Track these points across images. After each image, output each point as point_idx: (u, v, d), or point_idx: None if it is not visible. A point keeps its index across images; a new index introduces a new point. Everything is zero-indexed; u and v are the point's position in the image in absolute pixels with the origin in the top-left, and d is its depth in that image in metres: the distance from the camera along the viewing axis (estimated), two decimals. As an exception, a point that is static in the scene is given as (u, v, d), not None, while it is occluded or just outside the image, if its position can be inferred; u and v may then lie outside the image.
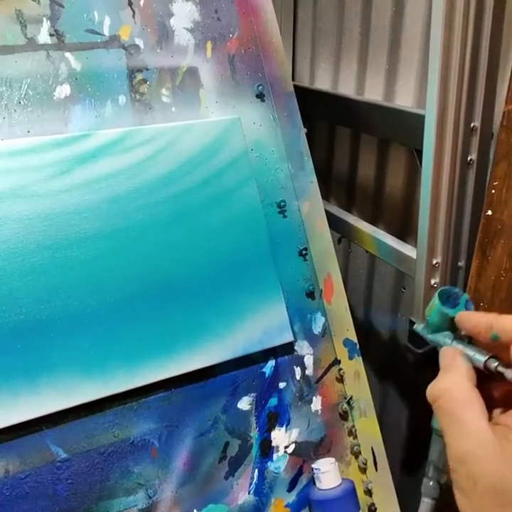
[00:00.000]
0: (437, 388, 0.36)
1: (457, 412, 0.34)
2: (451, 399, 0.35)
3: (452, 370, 0.37)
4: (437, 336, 0.40)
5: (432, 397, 0.36)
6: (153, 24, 0.71)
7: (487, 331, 0.37)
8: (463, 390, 0.35)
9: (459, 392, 0.35)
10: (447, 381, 0.36)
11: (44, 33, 0.65)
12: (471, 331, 0.38)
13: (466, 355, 0.37)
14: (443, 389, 0.36)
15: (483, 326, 0.37)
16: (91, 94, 0.66)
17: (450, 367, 0.37)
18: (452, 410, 0.35)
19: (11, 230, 0.59)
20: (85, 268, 0.61)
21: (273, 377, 0.70)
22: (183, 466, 0.64)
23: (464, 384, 0.35)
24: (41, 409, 0.57)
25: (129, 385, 0.61)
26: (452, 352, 0.38)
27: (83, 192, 0.62)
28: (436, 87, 0.63)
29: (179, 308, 0.65)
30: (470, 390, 0.35)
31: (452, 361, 0.37)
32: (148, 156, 0.66)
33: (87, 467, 0.59)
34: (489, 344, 0.37)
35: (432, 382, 0.37)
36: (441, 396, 0.35)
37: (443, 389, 0.36)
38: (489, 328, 0.36)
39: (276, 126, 0.76)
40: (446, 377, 0.37)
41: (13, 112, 0.63)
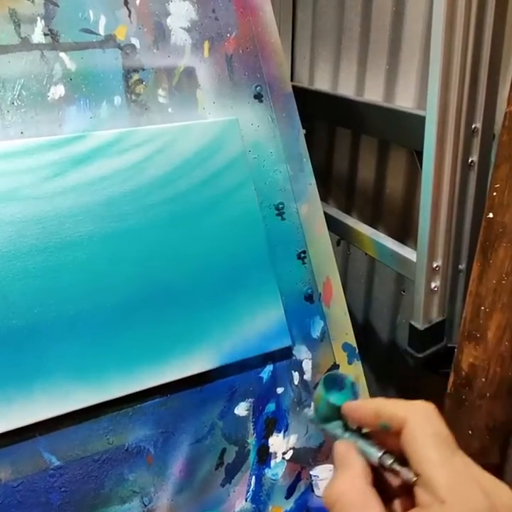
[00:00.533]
0: (333, 492, 0.34)
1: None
2: (348, 503, 0.33)
3: (346, 469, 0.35)
4: (328, 426, 0.38)
5: (329, 501, 0.34)
6: (149, 24, 0.70)
7: (375, 421, 0.35)
8: (358, 493, 0.33)
9: (354, 496, 0.33)
10: (342, 484, 0.34)
11: (38, 32, 0.64)
12: (360, 422, 0.37)
13: (360, 449, 0.36)
14: (338, 493, 0.34)
15: (370, 417, 0.36)
16: (86, 95, 0.65)
17: (344, 465, 0.35)
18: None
19: (4, 233, 0.58)
20: (80, 272, 0.60)
21: (271, 382, 0.69)
22: (179, 473, 0.63)
23: (360, 485, 0.34)
24: (35, 415, 0.56)
25: (124, 390, 0.60)
26: (344, 448, 0.36)
27: (78, 194, 0.61)
28: (437, 88, 0.62)
29: (176, 312, 0.64)
30: (366, 491, 0.33)
31: (346, 459, 0.36)
32: (144, 157, 0.65)
33: (81, 475, 0.58)
34: (381, 433, 0.36)
35: (327, 485, 0.35)
36: (338, 501, 0.33)
37: (338, 493, 0.34)
38: (377, 417, 0.35)
39: (275, 127, 0.75)
40: (341, 480, 0.35)
41: (6, 113, 0.62)
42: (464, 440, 0.75)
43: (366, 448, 0.36)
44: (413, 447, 0.33)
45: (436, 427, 0.34)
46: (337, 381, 0.40)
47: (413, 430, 0.33)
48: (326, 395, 0.38)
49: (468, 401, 0.73)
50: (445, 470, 0.32)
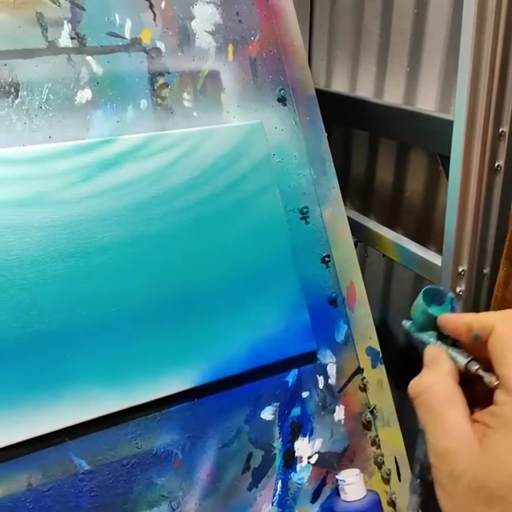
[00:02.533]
0: (420, 384, 0.36)
1: (439, 409, 0.34)
2: (433, 395, 0.35)
3: (436, 367, 0.37)
4: (422, 334, 0.41)
5: (414, 392, 0.36)
6: (174, 27, 0.70)
7: (468, 331, 0.37)
8: (446, 387, 0.35)
9: (441, 389, 0.35)
10: (430, 378, 0.36)
11: (65, 36, 0.64)
12: (453, 333, 0.38)
13: (450, 355, 0.37)
14: (426, 385, 0.35)
15: (463, 327, 0.37)
16: (112, 99, 0.65)
17: (434, 364, 0.37)
18: (434, 406, 0.35)
19: (33, 238, 0.58)
20: (107, 276, 0.60)
21: (296, 386, 0.69)
22: (206, 478, 0.63)
23: (447, 381, 0.35)
24: (64, 421, 0.56)
25: (151, 395, 0.60)
26: (436, 350, 0.38)
27: (105, 199, 0.61)
28: (465, 93, 0.62)
29: (201, 316, 0.64)
30: (453, 387, 0.35)
31: (436, 359, 0.37)
32: (170, 161, 0.65)
33: (110, 479, 0.58)
34: (472, 344, 0.37)
35: (414, 378, 0.36)
36: (424, 392, 0.35)
37: (426, 385, 0.35)
38: (469, 328, 0.36)
39: (298, 131, 0.75)
40: (430, 374, 0.36)
41: (34, 117, 0.62)
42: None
43: (455, 354, 0.37)
44: (498, 350, 0.34)
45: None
46: (437, 295, 0.41)
47: (499, 334, 0.34)
48: (425, 306, 0.39)
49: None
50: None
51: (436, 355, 0.37)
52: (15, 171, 0.58)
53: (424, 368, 0.37)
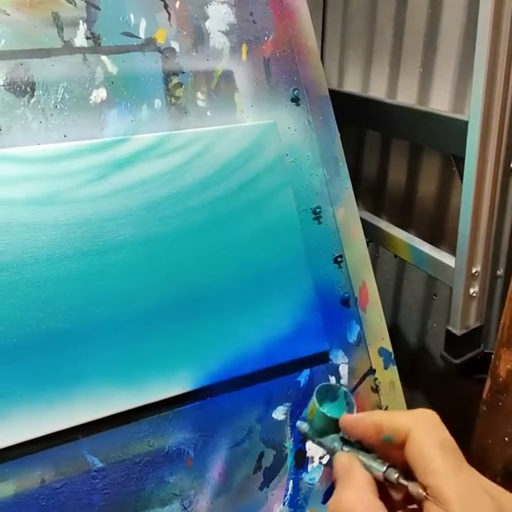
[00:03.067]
0: (341, 506, 0.33)
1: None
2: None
3: (352, 481, 0.34)
4: (325, 439, 0.37)
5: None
6: (188, 27, 0.70)
7: (377, 434, 0.34)
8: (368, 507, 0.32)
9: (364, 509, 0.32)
10: (350, 497, 0.33)
11: (80, 36, 0.65)
12: (360, 436, 0.35)
13: (363, 464, 0.35)
14: (347, 507, 0.32)
15: (371, 431, 0.34)
16: (127, 98, 0.66)
17: (348, 478, 0.34)
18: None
19: (49, 236, 0.58)
20: (121, 275, 0.60)
21: (308, 386, 0.69)
22: (218, 477, 0.63)
23: (369, 499, 0.33)
24: (77, 418, 0.56)
25: (163, 394, 0.60)
26: (347, 460, 0.35)
27: (119, 198, 0.62)
28: (481, 93, 0.62)
29: (214, 316, 0.64)
30: (375, 505, 0.32)
31: (350, 471, 0.34)
32: (184, 161, 0.65)
33: (123, 477, 0.59)
34: (382, 446, 0.34)
35: (331, 499, 0.34)
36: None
37: (347, 507, 0.32)
38: (378, 431, 0.34)
39: (312, 131, 0.75)
40: (348, 494, 0.33)
41: (49, 116, 0.62)
42: (499, 446, 0.74)
43: (369, 462, 0.34)
44: (419, 459, 0.32)
45: (441, 436, 0.33)
46: (329, 392, 0.39)
47: (418, 441, 0.32)
48: (321, 408, 0.37)
49: (505, 407, 0.72)
50: (454, 481, 0.31)
51: (349, 465, 0.34)
52: (30, 169, 0.59)
53: (338, 483, 0.35)
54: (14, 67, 0.61)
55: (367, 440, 0.35)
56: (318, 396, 0.38)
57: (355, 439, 0.36)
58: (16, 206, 0.57)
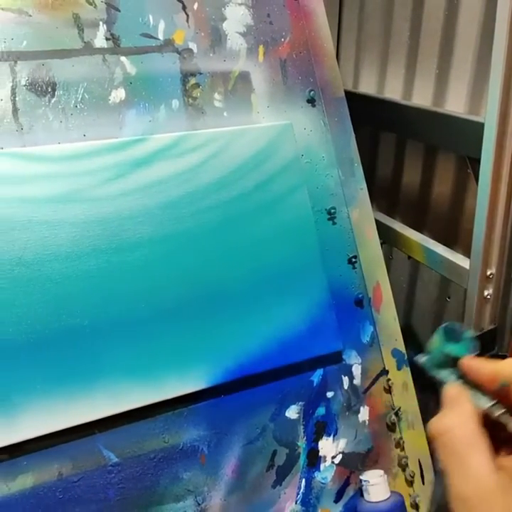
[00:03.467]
0: (441, 425, 0.35)
1: (462, 453, 0.33)
2: (456, 438, 0.34)
3: (458, 408, 0.35)
4: (442, 372, 0.38)
5: (435, 432, 0.35)
6: (206, 28, 0.71)
7: (494, 380, 0.36)
8: (469, 430, 0.34)
9: (464, 432, 0.34)
10: (453, 419, 0.35)
11: (100, 37, 0.66)
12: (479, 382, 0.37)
13: (472, 397, 0.36)
14: (448, 426, 0.34)
15: (489, 377, 0.36)
16: (145, 99, 0.66)
17: (456, 405, 0.36)
18: (456, 450, 0.33)
19: (68, 233, 0.59)
20: (138, 273, 0.61)
21: (321, 386, 0.69)
22: (231, 474, 0.63)
23: (470, 424, 0.34)
24: (94, 413, 0.57)
25: (179, 391, 0.60)
26: (457, 390, 0.37)
27: (137, 197, 0.62)
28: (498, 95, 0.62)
29: (228, 315, 0.64)
30: (476, 430, 0.34)
31: (456, 400, 0.36)
32: (200, 161, 0.66)
33: (138, 472, 0.59)
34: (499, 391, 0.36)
35: (435, 417, 0.35)
36: (446, 433, 0.34)
37: (448, 426, 0.34)
38: (496, 378, 0.36)
39: (327, 132, 0.75)
40: (452, 415, 0.35)
41: (70, 116, 0.63)
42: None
43: (478, 396, 0.36)
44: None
45: None
46: (455, 333, 0.40)
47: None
48: (442, 346, 0.38)
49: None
50: None
51: (457, 395, 0.36)
52: (51, 168, 0.60)
53: (443, 408, 0.36)
54: (36, 67, 0.62)
55: (486, 386, 0.37)
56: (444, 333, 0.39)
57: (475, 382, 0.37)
58: (36, 204, 0.58)
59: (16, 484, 0.55)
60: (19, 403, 0.54)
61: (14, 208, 0.57)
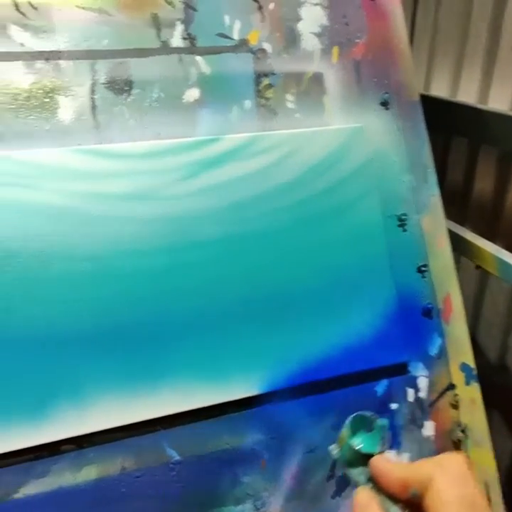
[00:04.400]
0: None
1: None
2: None
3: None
4: (353, 471, 0.37)
5: None
6: (281, 28, 0.70)
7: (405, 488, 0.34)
8: None
9: None
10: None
11: (177, 36, 0.66)
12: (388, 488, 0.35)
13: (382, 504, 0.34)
14: None
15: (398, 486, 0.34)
16: (219, 99, 0.66)
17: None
18: None
19: (139, 231, 0.60)
20: (204, 273, 0.61)
21: (385, 397, 0.67)
22: (291, 481, 0.62)
23: None
24: (160, 410, 0.57)
25: (244, 393, 0.60)
26: (366, 499, 0.35)
27: (206, 197, 0.62)
28: None
29: (294, 318, 0.64)
30: None
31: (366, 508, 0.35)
32: (271, 162, 0.65)
33: (199, 472, 0.59)
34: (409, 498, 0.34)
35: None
36: None
37: None
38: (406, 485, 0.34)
39: (400, 136, 0.73)
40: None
41: (145, 114, 0.64)
42: None
43: (387, 504, 0.34)
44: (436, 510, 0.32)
45: (461, 491, 0.32)
46: (366, 421, 0.37)
47: (438, 492, 0.32)
48: (351, 440, 0.36)
49: None
50: None
51: (366, 503, 0.35)
52: (126, 165, 0.60)
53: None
54: (114, 66, 0.63)
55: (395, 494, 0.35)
56: (353, 425, 0.37)
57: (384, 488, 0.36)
58: (110, 200, 0.59)
59: (81, 475, 0.56)
60: (90, 396, 0.55)
61: (89, 204, 0.59)
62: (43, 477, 0.55)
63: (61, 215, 0.57)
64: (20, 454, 0.54)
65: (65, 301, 0.56)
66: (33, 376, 0.54)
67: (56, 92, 0.61)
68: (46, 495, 0.55)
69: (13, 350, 0.54)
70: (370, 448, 0.37)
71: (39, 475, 0.55)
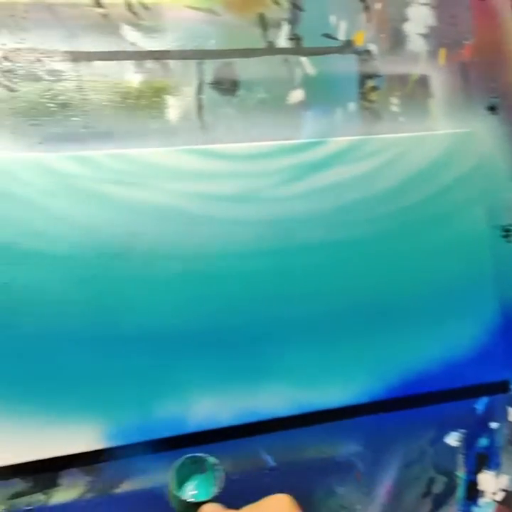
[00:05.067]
0: None
1: None
2: None
3: None
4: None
5: None
6: (387, 29, 0.68)
7: None
8: None
9: None
10: None
11: (283, 36, 0.65)
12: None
13: None
14: None
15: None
16: (323, 100, 0.65)
17: None
18: None
19: (242, 233, 0.59)
20: (308, 277, 0.60)
21: (485, 415, 0.64)
22: (385, 496, 0.61)
23: None
24: (257, 414, 0.57)
25: (342, 402, 0.59)
26: None
27: (311, 200, 0.61)
28: None
29: (395, 329, 0.62)
30: None
31: None
32: (376, 167, 0.64)
33: (294, 480, 0.58)
34: None
35: None
36: None
37: None
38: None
39: (508, 142, 0.70)
40: None
41: (249, 115, 0.63)
42: None
43: None
44: None
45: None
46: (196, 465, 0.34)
47: None
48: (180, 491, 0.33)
49: None
50: None
51: None
52: (231, 166, 0.60)
53: None
54: (221, 66, 0.63)
55: None
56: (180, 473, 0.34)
57: None
58: (215, 201, 0.59)
59: (178, 475, 0.56)
60: (191, 397, 0.55)
61: (194, 204, 0.58)
62: (142, 474, 0.55)
63: (167, 215, 0.57)
64: (122, 450, 0.55)
65: (168, 301, 0.56)
66: (139, 374, 0.54)
67: (164, 91, 0.61)
68: (144, 492, 0.55)
69: (122, 348, 0.54)
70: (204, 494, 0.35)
71: (139, 472, 0.55)
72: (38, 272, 0.53)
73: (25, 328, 0.52)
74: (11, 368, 0.52)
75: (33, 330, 0.52)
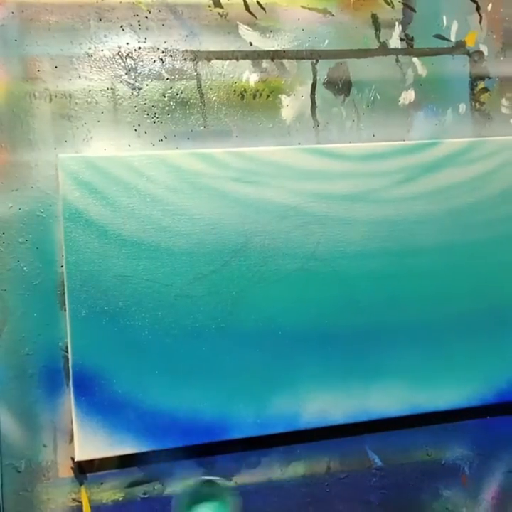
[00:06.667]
0: None
1: None
2: None
3: None
4: None
5: None
6: (499, 30, 0.67)
7: None
8: None
9: None
10: None
11: (395, 37, 0.65)
12: None
13: None
14: None
15: None
16: (433, 101, 0.65)
17: None
18: None
19: (357, 232, 0.59)
20: (420, 279, 0.60)
21: None
22: (491, 500, 0.60)
23: None
24: (367, 414, 0.57)
25: (451, 405, 0.59)
26: None
27: (425, 202, 0.61)
28: None
29: (506, 334, 0.61)
30: None
31: None
32: (491, 169, 0.63)
33: (400, 481, 0.59)
34: None
35: None
36: None
37: None
38: None
39: None
40: None
41: (361, 116, 0.63)
42: None
43: None
44: None
45: None
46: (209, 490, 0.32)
47: None
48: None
49: None
50: None
51: None
52: (345, 166, 0.60)
53: None
54: (335, 66, 0.63)
55: None
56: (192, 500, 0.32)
57: None
58: (331, 200, 0.59)
59: (288, 470, 0.57)
60: (306, 393, 0.56)
61: (311, 203, 0.59)
62: (254, 468, 0.56)
63: (285, 214, 0.58)
64: (235, 444, 0.56)
65: (284, 299, 0.57)
66: (258, 369, 0.55)
67: (280, 91, 0.62)
68: (256, 486, 0.56)
69: (245, 344, 0.55)
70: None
71: (250, 465, 0.56)
72: (159, 267, 0.55)
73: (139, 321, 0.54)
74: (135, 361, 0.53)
75: (149, 322, 0.54)
